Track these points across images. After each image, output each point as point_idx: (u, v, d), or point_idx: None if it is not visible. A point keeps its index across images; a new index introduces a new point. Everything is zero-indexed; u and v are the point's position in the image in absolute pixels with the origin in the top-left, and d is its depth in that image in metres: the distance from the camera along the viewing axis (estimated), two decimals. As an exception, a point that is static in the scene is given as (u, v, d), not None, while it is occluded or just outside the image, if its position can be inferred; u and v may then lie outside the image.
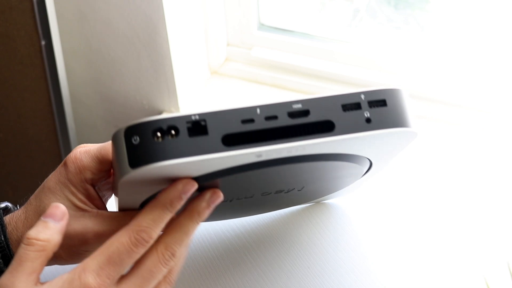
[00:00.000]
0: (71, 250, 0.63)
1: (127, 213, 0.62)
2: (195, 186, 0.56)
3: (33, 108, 1.26)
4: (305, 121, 0.55)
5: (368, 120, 0.55)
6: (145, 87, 1.26)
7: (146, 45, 1.20)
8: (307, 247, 0.74)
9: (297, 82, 1.26)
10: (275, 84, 1.27)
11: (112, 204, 0.68)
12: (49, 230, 0.56)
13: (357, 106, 0.56)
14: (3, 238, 0.63)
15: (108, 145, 0.63)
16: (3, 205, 0.67)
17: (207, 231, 0.76)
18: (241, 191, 0.64)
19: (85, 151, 0.63)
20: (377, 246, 0.74)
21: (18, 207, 0.67)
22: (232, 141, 0.54)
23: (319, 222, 0.76)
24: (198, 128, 0.54)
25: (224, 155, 0.54)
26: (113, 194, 0.67)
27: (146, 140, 0.54)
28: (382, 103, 0.56)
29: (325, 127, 0.55)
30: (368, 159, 0.63)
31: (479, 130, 1.13)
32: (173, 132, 0.54)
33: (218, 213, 0.67)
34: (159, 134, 0.54)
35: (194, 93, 1.28)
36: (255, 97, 1.26)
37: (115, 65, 1.25)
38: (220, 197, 0.58)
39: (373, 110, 0.56)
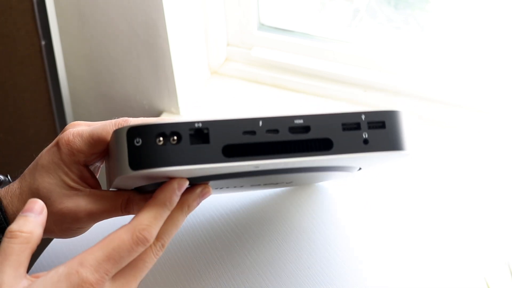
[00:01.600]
0: (64, 226, 0.64)
1: (119, 192, 0.64)
2: (187, 183, 0.58)
3: (33, 108, 1.26)
4: (305, 137, 0.56)
5: (365, 141, 0.57)
6: (145, 87, 1.26)
7: (146, 45, 1.20)
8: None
9: (297, 82, 1.26)
10: (275, 84, 1.27)
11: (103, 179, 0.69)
12: (30, 223, 0.56)
13: (356, 126, 0.57)
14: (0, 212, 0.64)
15: (100, 128, 0.63)
16: None
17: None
18: (232, 184, 0.65)
19: (77, 134, 0.63)
20: (378, 247, 0.74)
21: (9, 177, 0.69)
22: (232, 151, 0.55)
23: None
24: (200, 135, 0.55)
25: (223, 165, 0.55)
26: (103, 164, 0.68)
27: (148, 143, 0.55)
28: (381, 124, 0.57)
29: (323, 145, 0.56)
30: (360, 167, 0.65)
31: (479, 131, 1.13)
32: (175, 137, 0.55)
33: None
34: (161, 138, 0.55)
35: (194, 93, 1.28)
36: (255, 97, 1.26)
37: (115, 65, 1.25)
38: (209, 192, 0.60)
39: (372, 131, 0.57)
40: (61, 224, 0.64)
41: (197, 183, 0.60)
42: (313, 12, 1.30)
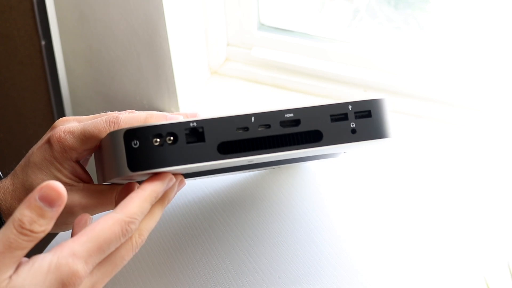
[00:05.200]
0: (59, 221, 0.63)
1: (112, 186, 0.65)
2: (181, 179, 0.59)
3: (33, 108, 1.26)
4: (295, 130, 0.59)
5: (353, 131, 0.59)
6: (145, 87, 1.26)
7: (146, 45, 1.20)
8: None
9: (297, 82, 1.26)
10: (275, 84, 1.27)
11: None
12: (44, 220, 0.52)
13: (344, 116, 0.60)
14: None
15: (91, 126, 0.64)
16: None
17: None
18: (219, 172, 0.68)
19: (69, 131, 0.64)
20: (378, 250, 0.74)
21: (0, 173, 0.70)
22: (227, 148, 0.57)
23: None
24: (195, 134, 0.57)
25: (220, 162, 0.57)
26: (92, 155, 0.68)
27: (145, 145, 0.56)
28: (367, 113, 0.60)
29: (313, 137, 0.59)
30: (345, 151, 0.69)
31: (480, 130, 1.13)
32: (171, 138, 0.57)
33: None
34: (158, 139, 0.56)
35: (194, 93, 1.28)
36: (255, 97, 1.26)
37: (115, 65, 1.25)
38: (184, 183, 0.61)
39: (359, 121, 0.60)
40: (56, 219, 0.64)
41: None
42: (313, 12, 1.30)
